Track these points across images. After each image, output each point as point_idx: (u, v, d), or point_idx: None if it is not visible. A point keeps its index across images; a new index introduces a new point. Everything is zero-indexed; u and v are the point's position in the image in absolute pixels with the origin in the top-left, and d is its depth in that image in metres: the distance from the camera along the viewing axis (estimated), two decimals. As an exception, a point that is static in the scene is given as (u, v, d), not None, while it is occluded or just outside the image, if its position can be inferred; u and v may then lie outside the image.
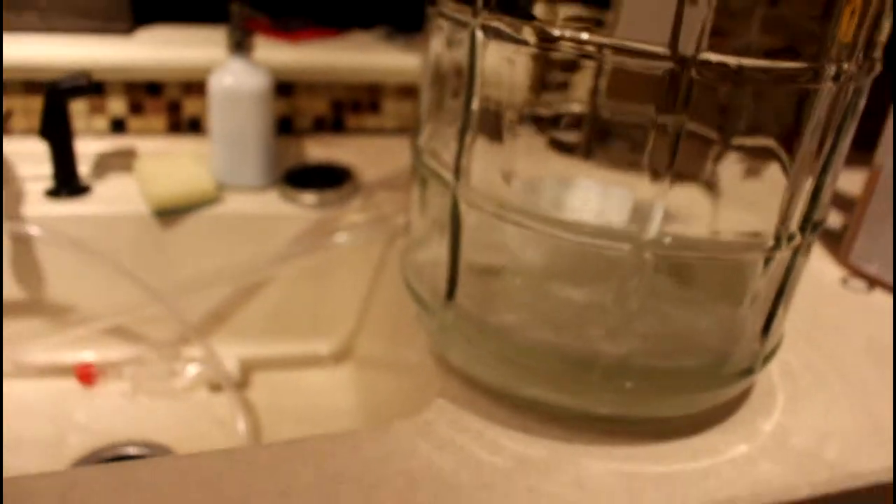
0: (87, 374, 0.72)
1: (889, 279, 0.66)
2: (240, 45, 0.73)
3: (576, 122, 0.42)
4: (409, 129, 0.92)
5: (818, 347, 0.57)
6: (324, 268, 0.77)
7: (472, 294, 0.45)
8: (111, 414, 0.70)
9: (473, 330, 0.45)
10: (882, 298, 0.65)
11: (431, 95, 0.47)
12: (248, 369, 0.76)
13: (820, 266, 0.70)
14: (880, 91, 0.53)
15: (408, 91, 0.90)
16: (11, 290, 0.71)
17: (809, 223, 0.42)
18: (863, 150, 0.68)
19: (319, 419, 0.72)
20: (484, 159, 0.43)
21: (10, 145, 0.79)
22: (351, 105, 0.89)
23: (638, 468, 0.43)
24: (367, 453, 0.42)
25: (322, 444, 0.42)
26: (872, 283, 0.67)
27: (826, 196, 0.43)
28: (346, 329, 0.78)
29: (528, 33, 0.38)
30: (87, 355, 0.73)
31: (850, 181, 0.78)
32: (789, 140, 0.40)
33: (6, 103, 0.79)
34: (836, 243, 0.73)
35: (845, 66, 0.38)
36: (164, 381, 0.73)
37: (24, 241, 0.70)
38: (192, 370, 0.73)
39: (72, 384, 0.72)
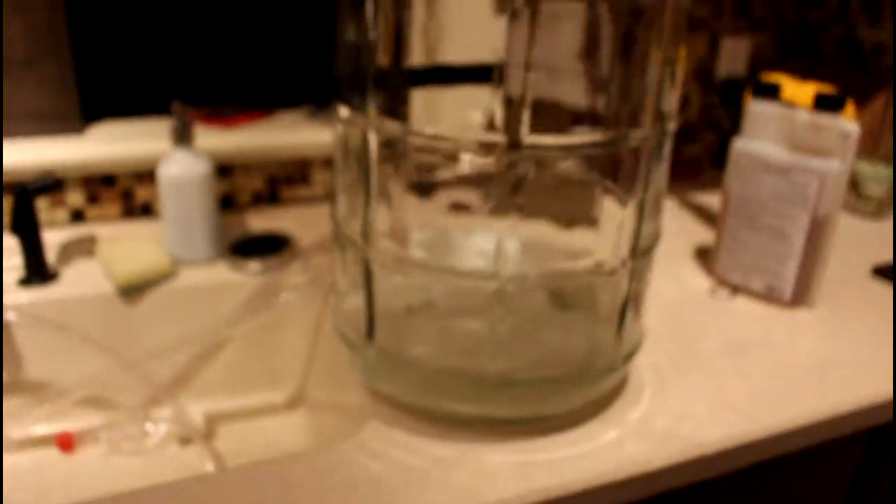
0: (66, 442, 0.82)
1: (750, 286, 0.81)
2: (182, 137, 0.85)
3: (455, 183, 0.56)
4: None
5: (684, 347, 0.71)
6: (272, 326, 0.88)
7: (388, 334, 0.58)
8: (90, 476, 0.80)
9: (392, 363, 0.58)
10: (742, 303, 0.80)
11: (342, 171, 0.60)
12: (213, 422, 0.87)
13: (693, 278, 0.85)
14: (718, 127, 0.68)
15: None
16: (-8, 373, 0.82)
17: (638, 249, 0.56)
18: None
19: (280, 459, 0.83)
20: (385, 223, 0.56)
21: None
22: (284, 179, 1.02)
23: (529, 457, 0.55)
24: (317, 467, 0.54)
25: (281, 463, 0.54)
26: (735, 290, 0.82)
27: (649, 227, 0.57)
28: (296, 378, 0.90)
29: (400, 130, 0.52)
30: (66, 425, 0.83)
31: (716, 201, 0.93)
32: (615, 183, 0.54)
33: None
34: (708, 258, 0.88)
35: (642, 132, 0.52)
36: (137, 441, 0.83)
37: (3, 328, 0.80)
38: (163, 428, 0.83)
39: (53, 452, 0.81)
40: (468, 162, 0.52)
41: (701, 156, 1.28)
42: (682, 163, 1.23)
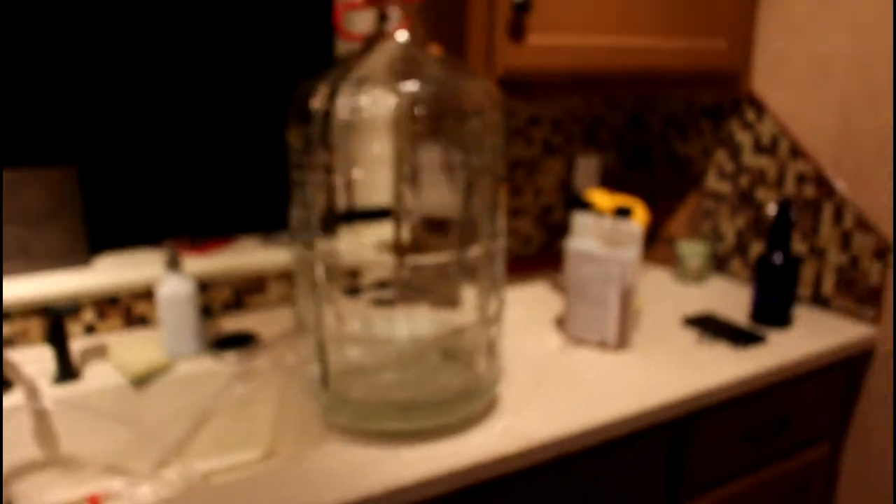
0: (94, 502, 1.15)
1: (587, 339, 1.22)
2: (173, 265, 1.23)
3: (371, 287, 0.95)
4: (290, 301, 1.43)
5: (537, 383, 1.11)
6: (249, 400, 1.24)
7: (336, 384, 0.96)
8: (118, 522, 1.12)
9: (339, 402, 0.95)
10: (584, 352, 1.21)
11: (299, 284, 0.98)
12: (207, 478, 1.21)
13: (550, 337, 1.26)
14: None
15: (285, 275, 1.42)
16: (36, 451, 1.14)
17: (487, 316, 0.96)
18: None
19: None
20: (333, 315, 0.94)
21: (19, 355, 1.23)
22: (246, 290, 1.40)
23: (433, 453, 0.93)
24: (295, 471, 0.90)
25: (269, 473, 0.90)
26: (579, 342, 1.23)
27: (494, 303, 0.97)
28: (268, 437, 1.25)
29: (332, 258, 0.91)
30: (94, 487, 1.16)
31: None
32: (471, 277, 0.94)
33: (17, 326, 1.25)
34: (561, 323, 1.29)
35: (478, 248, 0.93)
36: (152, 496, 1.16)
37: (42, 416, 1.14)
38: (170, 484, 1.17)
39: (86, 510, 1.14)
40: (377, 272, 0.92)
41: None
42: (553, 252, 1.67)
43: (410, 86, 0.87)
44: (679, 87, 1.40)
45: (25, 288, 1.27)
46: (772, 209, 1.31)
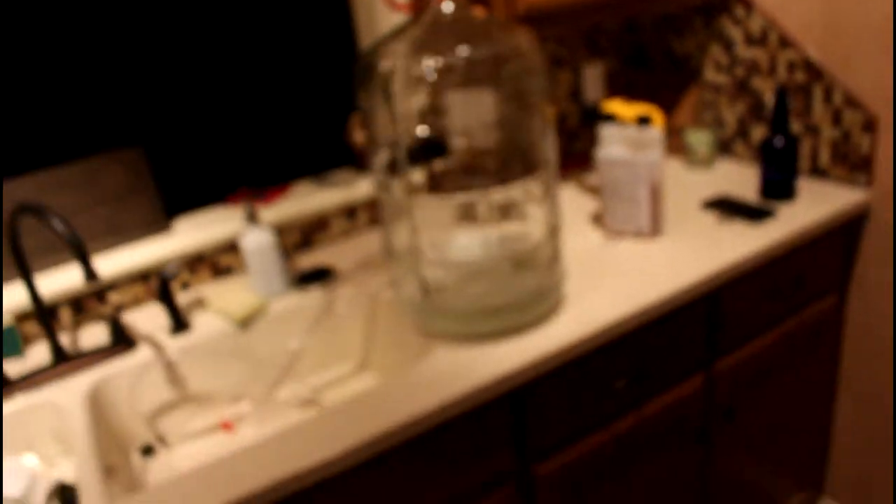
0: (228, 426, 1.36)
1: (625, 231, 1.42)
2: (251, 218, 1.40)
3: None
4: (350, 234, 1.61)
5: (592, 275, 1.31)
6: (338, 324, 1.44)
7: (433, 297, 1.15)
8: (249, 443, 1.34)
9: (437, 311, 1.15)
10: (623, 244, 1.41)
11: (386, 212, 1.16)
12: (318, 391, 1.42)
13: (592, 234, 1.46)
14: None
15: (343, 211, 1.60)
16: (171, 392, 1.34)
17: (552, 228, 1.15)
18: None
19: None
20: (411, 239, 1.13)
21: (142, 315, 1.42)
22: (311, 230, 1.58)
23: (522, 345, 1.14)
24: (412, 374, 1.10)
25: (389, 381, 1.10)
26: (618, 235, 1.43)
27: (554, 216, 1.16)
28: (359, 352, 1.46)
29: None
30: (224, 414, 1.37)
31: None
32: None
33: (126, 294, 1.43)
34: (598, 220, 1.49)
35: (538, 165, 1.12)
36: (272, 414, 1.37)
37: (169, 364, 1.33)
38: (289, 400, 1.38)
39: (221, 435, 1.35)
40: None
41: (587, 149, 1.91)
42: (573, 156, 1.85)
43: (462, 50, 1.03)
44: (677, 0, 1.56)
45: (123, 259, 1.44)
46: (769, 98, 1.49)
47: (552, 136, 1.15)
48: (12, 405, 1.23)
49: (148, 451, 1.33)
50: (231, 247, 1.53)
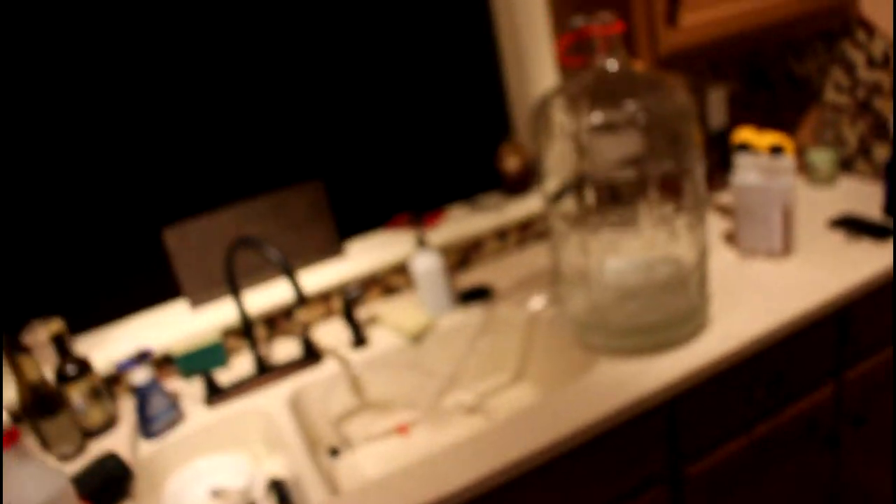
0: (403, 430, 1.57)
1: (758, 250, 1.56)
2: (421, 242, 1.60)
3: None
4: (504, 258, 1.80)
5: (729, 293, 1.47)
6: (497, 339, 1.63)
7: (596, 314, 1.33)
8: (423, 447, 1.54)
9: (599, 326, 1.33)
10: (756, 262, 1.56)
11: (555, 237, 1.34)
12: (483, 397, 1.62)
13: (725, 253, 1.61)
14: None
15: (500, 234, 1.79)
16: (353, 399, 1.56)
17: (701, 252, 1.31)
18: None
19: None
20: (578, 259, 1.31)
21: (324, 330, 1.65)
22: (468, 251, 1.77)
23: (680, 358, 1.30)
24: (582, 383, 1.28)
25: (562, 390, 1.29)
26: (751, 254, 1.57)
27: (702, 239, 1.32)
28: (516, 364, 1.65)
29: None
30: (400, 419, 1.58)
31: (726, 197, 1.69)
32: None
33: (311, 312, 1.65)
34: (731, 239, 1.64)
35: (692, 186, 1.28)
36: (442, 420, 1.58)
37: (350, 377, 1.55)
38: (453, 409, 1.58)
39: (396, 439, 1.56)
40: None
41: (713, 170, 2.05)
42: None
43: (628, 105, 1.20)
44: (801, 26, 1.68)
45: (307, 282, 1.67)
46: (892, 117, 1.60)
47: (701, 168, 1.31)
48: (225, 410, 1.47)
49: (335, 452, 1.55)
50: (399, 269, 1.74)
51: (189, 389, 1.56)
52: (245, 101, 1.67)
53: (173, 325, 1.63)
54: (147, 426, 1.42)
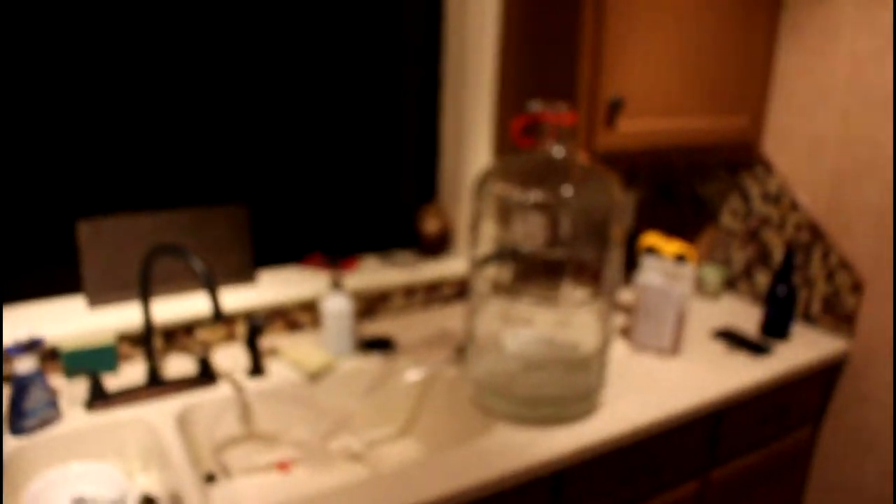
0: (284, 466, 1.56)
1: (650, 347, 1.69)
2: (336, 284, 1.64)
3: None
4: (409, 315, 1.86)
5: (621, 381, 1.57)
6: (391, 391, 1.67)
7: (503, 380, 1.40)
8: (303, 485, 1.54)
9: (497, 393, 1.39)
10: (647, 357, 1.68)
11: (472, 299, 1.41)
12: (367, 447, 1.63)
13: (621, 346, 1.72)
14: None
15: (408, 291, 1.84)
16: (240, 427, 1.54)
17: (605, 339, 1.41)
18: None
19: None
20: (490, 324, 1.38)
21: (223, 354, 1.63)
22: (374, 301, 1.82)
23: (572, 433, 1.38)
24: (474, 447, 1.34)
25: (448, 452, 1.33)
26: (643, 348, 1.70)
27: (608, 329, 1.43)
28: (405, 417, 1.68)
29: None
30: (282, 455, 1.57)
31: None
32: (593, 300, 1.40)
33: (212, 333, 1.64)
34: (627, 334, 1.76)
35: (609, 277, 1.38)
36: (325, 461, 1.58)
37: (242, 404, 1.54)
38: (338, 452, 1.59)
39: (276, 475, 1.55)
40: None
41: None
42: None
43: (566, 189, 1.31)
44: (713, 153, 1.87)
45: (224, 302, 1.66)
46: (776, 249, 1.79)
47: (618, 261, 1.42)
48: (107, 416, 1.42)
49: (211, 478, 1.52)
50: (307, 306, 1.75)
51: (70, 389, 1.50)
52: (182, 115, 1.68)
53: (66, 320, 1.57)
54: (18, 420, 1.35)
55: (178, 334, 1.64)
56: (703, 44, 1.73)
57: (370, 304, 1.83)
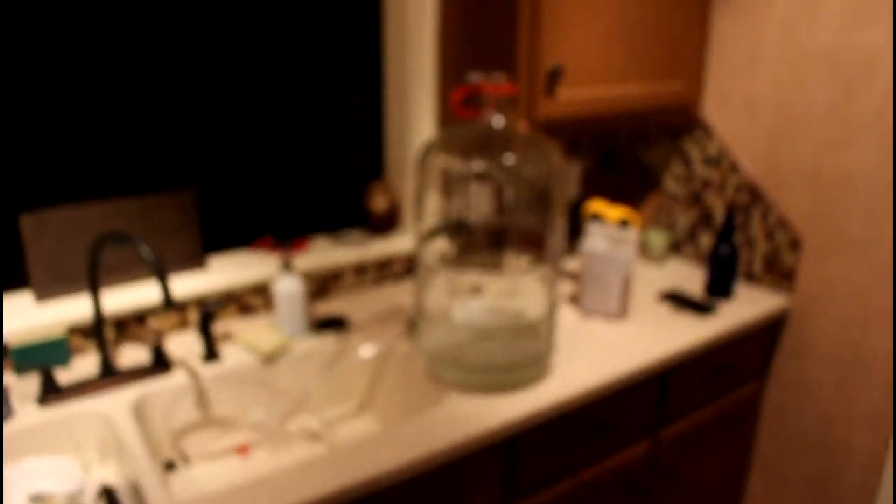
0: (244, 450, 1.58)
1: (597, 312, 1.73)
2: (287, 266, 1.65)
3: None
4: (361, 293, 1.87)
5: (573, 347, 1.61)
6: (347, 368, 1.69)
7: (449, 352, 1.43)
8: (262, 468, 1.56)
9: (450, 363, 1.42)
10: (595, 322, 1.72)
11: (421, 273, 1.44)
12: (325, 426, 1.66)
13: (570, 313, 1.76)
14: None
15: (359, 269, 1.86)
16: (197, 414, 1.55)
17: (551, 305, 1.45)
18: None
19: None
20: (437, 297, 1.41)
21: (176, 341, 1.63)
22: (327, 281, 1.83)
23: (521, 399, 1.42)
24: (430, 417, 1.37)
25: (406, 424, 1.36)
26: (591, 314, 1.74)
27: (553, 295, 1.46)
28: (362, 395, 1.71)
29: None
30: (241, 439, 1.59)
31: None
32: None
33: (164, 321, 1.64)
34: (575, 301, 1.80)
35: (556, 244, 1.42)
36: (285, 442, 1.60)
37: (198, 390, 1.55)
38: (297, 433, 1.61)
39: (235, 459, 1.56)
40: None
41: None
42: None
43: (507, 158, 1.33)
44: (654, 118, 1.92)
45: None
46: (718, 211, 1.84)
47: (562, 228, 1.45)
48: (60, 410, 1.42)
49: (170, 466, 1.53)
50: (259, 289, 1.76)
51: (21, 386, 1.49)
52: (124, 100, 1.66)
53: (14, 316, 1.55)
54: (-29, 419, 1.35)
55: (130, 324, 1.64)
56: (640, 9, 1.76)
57: (322, 285, 1.85)
